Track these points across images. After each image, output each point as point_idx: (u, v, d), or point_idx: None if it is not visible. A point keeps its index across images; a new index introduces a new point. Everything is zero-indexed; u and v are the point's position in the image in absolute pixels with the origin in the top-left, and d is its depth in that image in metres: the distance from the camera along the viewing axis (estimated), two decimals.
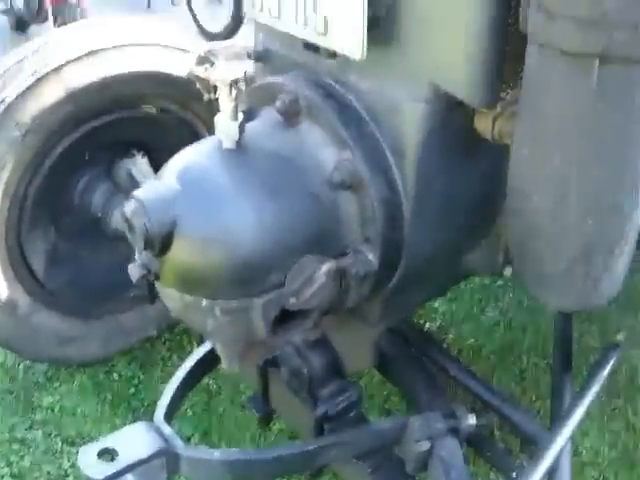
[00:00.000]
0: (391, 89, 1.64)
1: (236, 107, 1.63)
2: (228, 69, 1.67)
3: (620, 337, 3.05)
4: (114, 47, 2.63)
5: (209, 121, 1.96)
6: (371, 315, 1.96)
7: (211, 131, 1.71)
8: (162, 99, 2.80)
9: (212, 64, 1.98)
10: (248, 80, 1.73)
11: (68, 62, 2.54)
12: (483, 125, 1.63)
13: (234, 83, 1.63)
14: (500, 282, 3.48)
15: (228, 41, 6.44)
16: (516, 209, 1.56)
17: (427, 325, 3.22)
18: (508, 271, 1.97)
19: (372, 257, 1.68)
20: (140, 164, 2.88)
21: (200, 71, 1.90)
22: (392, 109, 1.64)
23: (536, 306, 3.16)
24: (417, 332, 2.37)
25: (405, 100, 1.61)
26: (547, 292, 1.63)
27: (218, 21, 6.94)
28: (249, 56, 1.94)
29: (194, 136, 2.84)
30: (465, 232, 1.85)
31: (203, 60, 1.97)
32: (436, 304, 3.31)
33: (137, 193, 1.62)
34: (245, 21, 6.45)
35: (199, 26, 7.24)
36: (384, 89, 1.65)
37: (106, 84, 2.59)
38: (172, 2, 8.12)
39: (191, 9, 7.30)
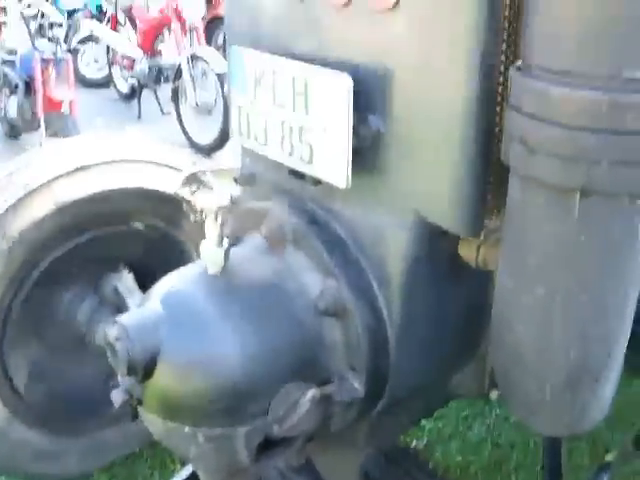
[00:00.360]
0: (375, 217, 1.65)
1: (221, 234, 1.64)
2: (214, 196, 1.68)
3: (610, 457, 3.01)
4: (104, 163, 2.66)
5: (196, 238, 1.97)
6: (357, 439, 1.94)
7: (198, 248, 1.72)
8: (150, 215, 2.81)
9: (198, 187, 2.01)
10: (234, 204, 1.75)
11: (58, 177, 2.56)
12: (467, 252, 1.64)
13: (220, 210, 1.64)
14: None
15: (215, 160, 6.54)
16: (500, 337, 1.56)
17: (414, 443, 3.18)
18: (494, 394, 1.95)
19: (357, 384, 1.67)
20: (126, 279, 2.88)
21: (186, 193, 1.93)
22: (377, 237, 1.65)
23: None
24: (403, 451, 2.33)
25: (389, 228, 1.63)
26: (534, 418, 1.62)
27: (207, 133, 7.02)
28: (235, 181, 1.96)
29: (181, 253, 2.85)
30: (451, 357, 1.84)
31: (189, 181, 1.99)
32: (423, 422, 3.27)
33: (121, 318, 1.61)
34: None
35: (188, 137, 7.32)
36: (369, 217, 1.67)
37: (95, 200, 2.61)
38: (162, 112, 8.22)
39: (180, 120, 7.39)
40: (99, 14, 9.64)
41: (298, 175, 1.75)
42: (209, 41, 8.53)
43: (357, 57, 1.59)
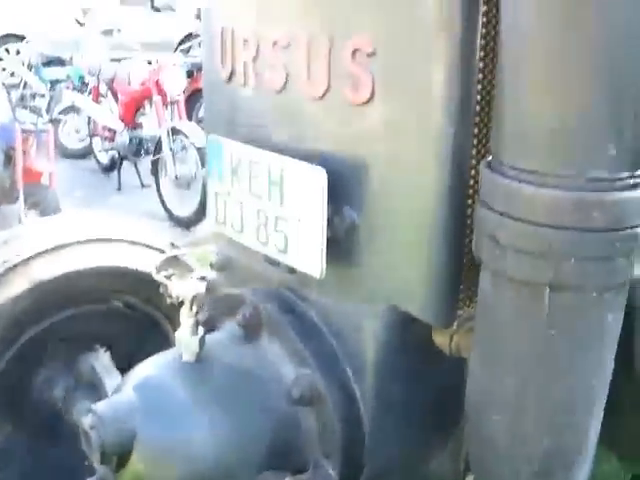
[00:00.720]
0: (350, 306, 1.67)
1: (196, 322, 1.66)
2: (189, 285, 1.70)
3: None
4: (80, 242, 2.67)
5: (173, 317, 1.98)
6: None
7: (175, 326, 1.73)
8: (127, 294, 2.82)
9: (174, 272, 2.03)
10: (210, 290, 1.77)
11: (36, 255, 2.57)
12: (441, 340, 1.65)
13: (194, 299, 1.66)
14: None
15: (195, 233, 6.55)
16: (474, 424, 1.57)
17: None
18: (470, 479, 1.95)
19: (332, 472, 1.67)
20: (102, 358, 2.87)
21: (162, 277, 1.94)
22: (351, 325, 1.67)
23: None
24: None
25: (364, 317, 1.65)
26: None
27: (187, 206, 7.05)
28: (211, 266, 1.98)
29: (158, 331, 2.85)
30: (425, 442, 1.85)
31: (165, 265, 2.01)
32: None
33: (96, 406, 1.61)
34: None
35: (167, 210, 7.34)
36: (343, 305, 1.68)
37: (71, 278, 2.60)
38: (142, 185, 8.26)
39: (160, 193, 7.42)
40: (81, 85, 9.71)
41: (274, 262, 1.77)
42: (190, 114, 8.61)
43: (332, 149, 1.62)
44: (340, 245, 1.62)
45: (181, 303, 1.72)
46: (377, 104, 1.51)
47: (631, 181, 1.26)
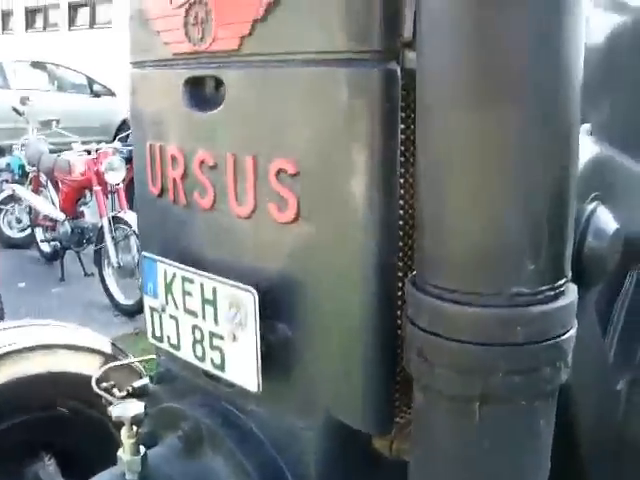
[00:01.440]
0: (289, 417, 1.68)
1: (137, 443, 1.66)
2: (128, 407, 1.70)
3: None
4: (21, 350, 2.66)
5: None
6: None
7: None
8: (71, 400, 2.79)
9: (114, 383, 2.03)
10: (151, 401, 1.77)
11: None
12: (381, 444, 1.67)
13: (134, 419, 1.66)
14: None
15: (138, 321, 6.51)
16: None
17: None
18: None
19: None
20: (48, 467, 2.83)
21: (102, 391, 1.95)
22: (291, 436, 1.68)
23: None
24: None
25: (302, 428, 1.66)
26: None
27: (130, 295, 7.02)
28: (151, 379, 1.98)
29: (105, 436, 2.82)
30: None
31: (105, 376, 2.02)
32: None
33: None
34: None
35: (111, 299, 7.29)
36: (283, 417, 1.70)
37: (15, 386, 2.59)
38: (85, 274, 8.21)
39: (103, 282, 7.38)
40: (21, 175, 9.67)
41: (212, 376, 1.77)
42: (131, 202, 8.61)
43: (263, 267, 1.65)
44: (275, 359, 1.64)
45: (121, 423, 1.72)
46: (303, 223, 1.54)
47: (551, 293, 1.30)
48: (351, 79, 1.45)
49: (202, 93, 1.75)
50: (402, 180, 1.47)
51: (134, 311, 6.81)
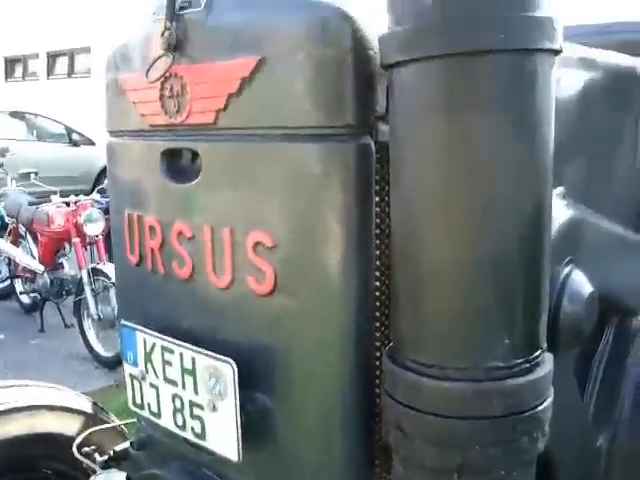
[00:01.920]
0: None
1: None
2: (110, 477, 1.71)
3: None
4: (5, 411, 2.65)
5: None
6: None
7: None
8: (55, 462, 2.78)
9: (96, 447, 2.03)
10: (133, 468, 1.77)
11: None
12: None
13: None
14: None
15: (119, 373, 6.46)
16: None
17: None
18: None
19: None
20: None
21: (83, 457, 1.95)
22: None
23: None
24: None
25: None
26: None
27: (110, 346, 6.96)
28: (132, 445, 1.98)
29: None
30: None
31: (85, 443, 2.02)
32: None
33: None
34: None
35: (91, 350, 7.24)
36: None
37: None
38: (65, 325, 8.15)
39: (83, 334, 7.33)
40: (0, 227, 9.63)
41: (193, 444, 1.78)
42: (110, 253, 8.59)
43: (241, 338, 1.66)
44: (256, 429, 1.64)
45: None
46: (281, 295, 1.56)
47: (527, 365, 1.32)
48: (326, 154, 1.48)
49: (179, 165, 1.77)
50: (378, 252, 1.49)
51: (114, 362, 6.74)
